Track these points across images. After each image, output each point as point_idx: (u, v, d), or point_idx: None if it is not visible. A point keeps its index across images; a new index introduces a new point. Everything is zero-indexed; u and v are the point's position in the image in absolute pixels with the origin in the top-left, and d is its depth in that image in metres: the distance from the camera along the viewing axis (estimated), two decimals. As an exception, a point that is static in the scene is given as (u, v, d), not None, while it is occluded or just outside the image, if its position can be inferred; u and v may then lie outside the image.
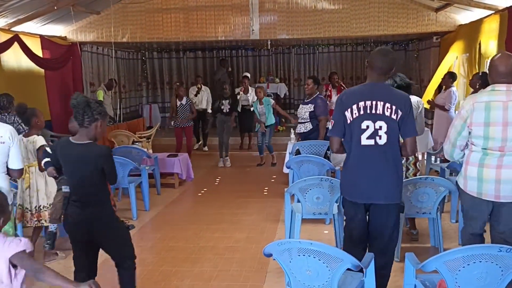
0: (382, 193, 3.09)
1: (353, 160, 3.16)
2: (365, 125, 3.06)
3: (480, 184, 3.05)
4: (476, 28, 7.84)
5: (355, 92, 3.20)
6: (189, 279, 4.08)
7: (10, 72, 8.10)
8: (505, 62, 3.02)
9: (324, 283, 2.61)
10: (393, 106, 3.03)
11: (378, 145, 3.06)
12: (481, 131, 3.01)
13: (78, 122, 2.95)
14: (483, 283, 2.45)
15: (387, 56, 3.13)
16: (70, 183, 3.09)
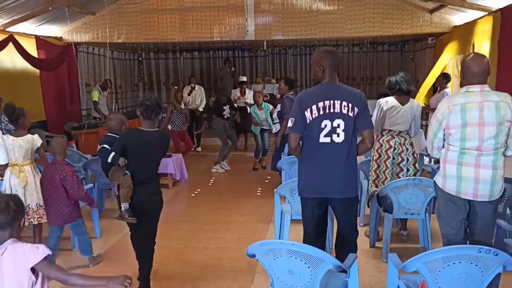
0: (338, 188, 3.23)
1: (309, 157, 3.28)
2: (324, 124, 3.19)
3: (459, 183, 3.06)
4: (470, 29, 7.87)
5: (314, 93, 3.31)
6: (178, 279, 4.10)
7: (5, 72, 8.12)
8: (478, 63, 3.04)
9: (306, 283, 2.62)
10: (350, 104, 3.17)
11: (334, 142, 3.20)
12: (458, 133, 3.04)
13: (146, 116, 3.63)
14: (463, 283, 2.47)
15: (334, 54, 3.32)
16: (139, 165, 3.64)
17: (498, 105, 2.98)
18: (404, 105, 4.46)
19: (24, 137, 4.36)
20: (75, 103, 10.13)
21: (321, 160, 3.22)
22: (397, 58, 13.18)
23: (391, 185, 4.21)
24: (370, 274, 4.07)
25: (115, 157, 3.62)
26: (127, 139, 3.67)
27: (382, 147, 4.58)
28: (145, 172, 3.67)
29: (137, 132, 3.72)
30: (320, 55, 3.32)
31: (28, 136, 4.39)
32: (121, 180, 3.69)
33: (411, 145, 4.58)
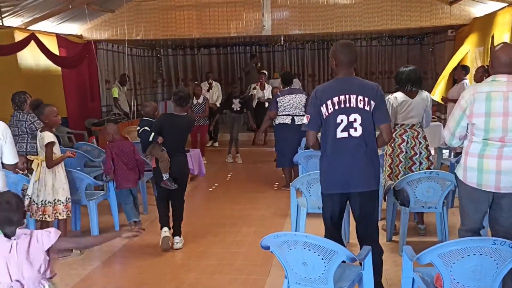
0: (358, 181, 3.19)
1: (328, 153, 3.25)
2: (340, 119, 3.16)
3: (480, 175, 3.02)
4: (490, 21, 7.73)
5: (328, 88, 3.29)
6: (195, 272, 4.15)
7: (28, 70, 8.30)
8: (507, 52, 3.00)
9: (320, 275, 2.64)
10: (366, 98, 3.14)
11: (352, 137, 3.16)
12: (482, 122, 2.99)
13: (178, 103, 4.63)
14: (478, 276, 2.45)
15: (350, 49, 3.26)
16: (172, 142, 4.58)
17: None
18: (413, 98, 4.43)
19: (42, 133, 4.47)
20: (95, 100, 10.29)
21: (340, 155, 3.20)
22: (416, 51, 13.00)
23: (407, 179, 4.19)
24: (386, 267, 4.02)
25: (155, 136, 4.49)
26: (163, 122, 4.67)
27: (395, 141, 4.56)
28: (177, 147, 4.65)
29: (170, 116, 4.73)
30: (335, 49, 3.27)
31: (44, 132, 4.48)
32: (159, 155, 4.55)
33: (424, 139, 4.54)
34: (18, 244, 2.24)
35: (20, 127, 5.59)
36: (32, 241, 2.27)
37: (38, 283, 2.28)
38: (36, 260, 2.26)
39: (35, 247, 2.26)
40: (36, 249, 2.26)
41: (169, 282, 3.97)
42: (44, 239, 2.28)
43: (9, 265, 2.23)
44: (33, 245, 2.26)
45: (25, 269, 2.23)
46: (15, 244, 2.25)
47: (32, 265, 2.25)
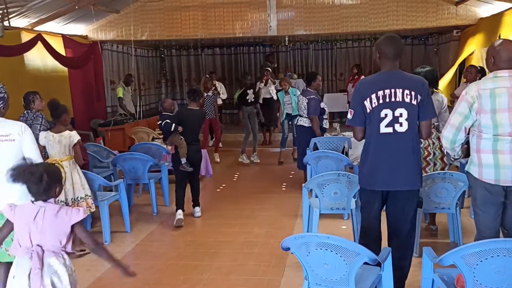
0: (402, 180, 3.12)
1: (372, 149, 3.18)
2: (384, 113, 3.09)
3: (497, 171, 3.02)
4: (497, 21, 7.73)
5: (373, 81, 3.22)
6: (209, 272, 4.15)
7: (35, 71, 8.31)
8: (507, 48, 3.00)
9: (342, 276, 2.64)
10: (412, 92, 3.07)
11: (397, 132, 3.09)
12: (489, 119, 2.99)
13: (192, 98, 5.58)
14: (501, 277, 2.45)
15: (395, 41, 3.18)
16: (189, 132, 5.50)
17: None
18: None
19: (63, 133, 4.51)
20: (100, 100, 10.31)
21: (384, 152, 3.12)
22: (420, 52, 13.02)
23: (421, 180, 4.18)
24: (400, 268, 4.05)
25: (176, 126, 5.39)
26: (180, 115, 5.64)
27: None
28: (193, 136, 5.58)
29: (187, 110, 5.69)
30: (380, 42, 3.21)
31: (66, 132, 4.55)
32: (178, 142, 5.47)
33: (438, 139, 4.53)
34: (45, 211, 2.38)
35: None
36: (61, 212, 2.41)
37: (59, 253, 2.40)
38: (60, 231, 2.39)
39: (62, 218, 2.40)
40: (63, 220, 2.39)
41: (184, 282, 3.97)
42: (73, 213, 2.42)
43: (31, 231, 2.36)
44: (60, 216, 2.40)
45: (47, 236, 2.37)
46: (42, 210, 2.39)
47: (55, 234, 2.38)
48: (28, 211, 2.40)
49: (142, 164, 5.85)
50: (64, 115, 4.54)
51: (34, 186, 2.39)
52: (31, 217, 2.38)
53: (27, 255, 2.36)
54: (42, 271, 2.35)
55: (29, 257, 2.35)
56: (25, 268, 2.36)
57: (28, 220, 2.38)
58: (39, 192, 2.41)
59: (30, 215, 2.39)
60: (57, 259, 2.41)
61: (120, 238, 5.12)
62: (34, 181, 2.38)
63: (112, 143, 8.24)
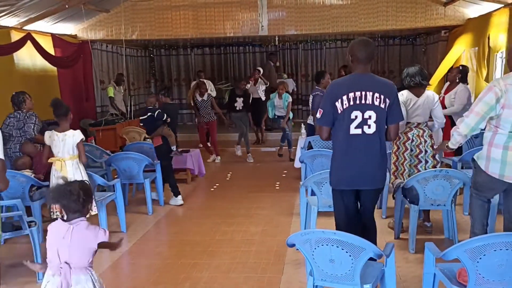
0: (369, 180, 3.27)
1: (341, 149, 3.30)
2: (354, 115, 3.19)
3: (503, 167, 3.09)
4: (485, 22, 7.86)
5: (344, 83, 3.30)
6: (208, 271, 4.16)
7: (24, 70, 8.20)
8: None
9: (347, 271, 2.68)
10: (382, 96, 3.18)
11: (366, 134, 3.21)
12: (509, 115, 3.05)
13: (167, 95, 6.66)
14: (503, 270, 2.51)
15: (368, 45, 3.27)
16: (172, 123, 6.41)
17: None
18: (419, 97, 4.50)
19: (67, 132, 4.48)
20: (90, 100, 10.21)
21: (353, 152, 3.24)
22: (408, 52, 13.17)
23: (417, 177, 4.26)
24: (398, 265, 4.09)
25: (167, 117, 6.14)
26: (165, 108, 6.33)
27: (400, 139, 4.63)
28: (174, 126, 6.46)
29: (168, 104, 6.56)
30: (353, 45, 3.29)
31: (70, 131, 4.53)
32: (168, 133, 6.23)
33: (430, 137, 4.60)
34: (73, 230, 2.46)
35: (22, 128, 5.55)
36: (88, 231, 2.48)
37: (86, 269, 2.49)
38: (86, 249, 2.48)
39: (89, 237, 2.47)
40: (91, 239, 2.47)
41: (184, 281, 3.97)
42: (100, 233, 2.51)
43: (59, 248, 2.44)
44: (88, 235, 2.47)
45: (74, 253, 2.44)
46: (71, 229, 2.46)
47: (82, 252, 2.46)
48: (58, 229, 2.49)
49: (137, 164, 5.83)
50: (70, 114, 4.55)
51: (73, 204, 2.48)
52: (60, 235, 2.46)
53: (56, 272, 2.44)
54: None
55: (58, 274, 2.42)
56: (55, 285, 2.44)
57: (58, 237, 2.46)
58: (76, 210, 2.50)
59: (59, 233, 2.46)
60: (85, 275, 2.48)
61: (115, 238, 4.96)
62: (74, 199, 2.47)
63: (104, 143, 8.18)
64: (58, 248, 2.44)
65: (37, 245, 4.04)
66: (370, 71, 3.34)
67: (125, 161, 5.85)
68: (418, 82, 4.50)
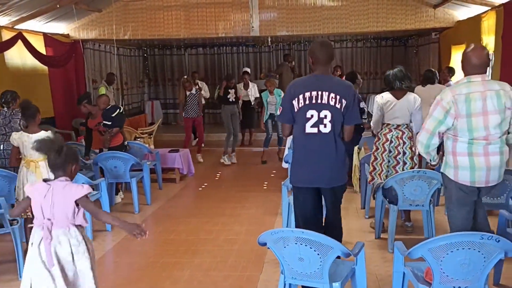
0: (325, 178, 3.32)
1: (298, 147, 3.38)
2: (310, 114, 3.27)
3: (473, 173, 3.13)
4: (474, 24, 7.92)
5: (302, 83, 3.41)
6: (189, 269, 4.21)
7: (14, 69, 8.23)
8: (478, 55, 3.11)
9: (316, 270, 2.74)
10: (337, 96, 3.25)
11: (322, 133, 3.28)
12: (465, 123, 3.10)
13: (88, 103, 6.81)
14: (466, 269, 2.57)
15: (328, 47, 3.37)
16: None
17: (498, 93, 3.07)
18: (399, 99, 4.55)
19: (39, 133, 4.44)
20: (82, 99, 10.22)
21: (309, 150, 3.32)
22: (400, 53, 13.23)
23: (396, 177, 4.32)
24: (376, 264, 4.18)
25: None
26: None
27: (379, 140, 4.69)
28: None
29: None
30: (312, 47, 3.41)
31: (42, 132, 4.46)
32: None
33: (409, 139, 4.65)
34: (54, 189, 2.67)
35: (6, 125, 5.58)
36: (66, 188, 2.68)
37: (66, 225, 2.68)
38: (66, 206, 2.67)
39: (67, 194, 2.67)
40: (69, 196, 2.66)
41: (165, 279, 4.03)
42: (77, 189, 2.68)
43: (42, 206, 2.66)
44: (66, 192, 2.67)
45: (55, 210, 2.66)
46: (51, 189, 2.67)
47: (62, 208, 2.66)
48: (40, 189, 2.70)
49: (124, 163, 5.88)
50: (38, 115, 4.50)
51: (53, 155, 2.68)
52: (42, 195, 2.67)
53: (39, 227, 2.68)
54: (51, 241, 2.65)
55: (41, 229, 2.66)
56: (37, 237, 2.69)
57: (40, 197, 2.68)
58: (57, 164, 2.70)
59: (41, 193, 2.68)
60: (63, 231, 2.69)
61: (101, 236, 5.14)
62: (54, 149, 2.67)
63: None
64: (41, 206, 2.67)
65: (19, 243, 4.08)
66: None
67: (112, 160, 5.90)
68: (408, 85, 4.58)
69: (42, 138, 2.85)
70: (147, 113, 13.29)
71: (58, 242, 2.67)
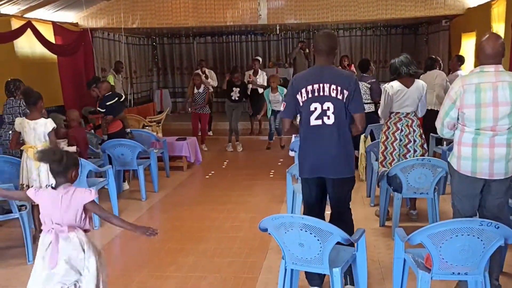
0: (329, 168, 3.32)
1: (304, 139, 3.40)
2: (314, 107, 3.29)
3: (474, 164, 3.12)
4: (485, 11, 7.81)
5: (304, 76, 3.41)
6: (194, 256, 4.27)
7: (24, 58, 8.30)
8: (492, 44, 3.08)
9: (316, 255, 2.76)
10: (338, 87, 3.25)
11: (326, 124, 3.29)
12: (472, 113, 3.08)
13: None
14: (465, 255, 2.58)
15: (331, 38, 3.36)
16: None
17: (511, 84, 3.03)
18: (409, 87, 4.53)
19: (38, 120, 4.50)
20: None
21: (314, 142, 3.34)
22: (410, 41, 13.09)
23: (400, 165, 4.31)
24: (379, 251, 4.20)
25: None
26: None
27: (389, 129, 4.67)
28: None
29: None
30: (315, 37, 3.42)
31: (42, 120, 4.51)
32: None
33: (419, 127, 4.64)
34: (63, 197, 2.73)
35: (14, 113, 5.63)
36: (75, 194, 2.74)
37: (74, 228, 2.76)
38: (75, 210, 2.74)
39: (76, 199, 2.73)
40: (77, 201, 2.73)
41: (170, 264, 4.09)
42: (85, 194, 2.76)
43: (52, 212, 2.73)
44: (74, 198, 2.73)
45: (65, 216, 2.72)
46: (61, 196, 2.73)
47: (70, 213, 2.73)
48: (47, 196, 2.76)
49: (131, 151, 5.94)
50: (40, 102, 4.54)
51: (55, 164, 2.74)
52: (50, 201, 2.73)
53: (48, 233, 2.74)
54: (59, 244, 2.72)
55: (50, 233, 2.73)
56: (46, 242, 2.75)
57: (49, 203, 2.74)
58: (59, 172, 2.76)
59: (49, 200, 2.74)
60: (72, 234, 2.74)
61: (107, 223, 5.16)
62: (56, 159, 2.73)
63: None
64: (51, 213, 2.73)
65: (27, 229, 4.16)
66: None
67: (119, 148, 5.95)
68: (414, 71, 4.55)
69: (43, 149, 2.94)
70: (156, 102, 13.35)
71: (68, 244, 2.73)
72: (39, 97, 4.58)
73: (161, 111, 12.31)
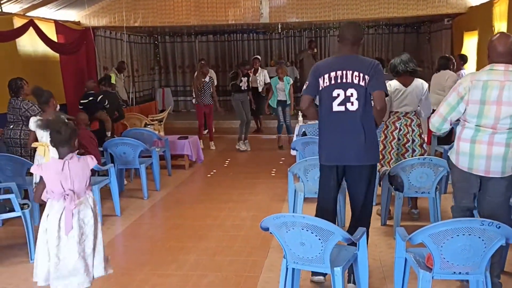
0: (352, 155, 3.32)
1: (325, 126, 3.40)
2: (336, 93, 3.29)
3: (471, 160, 3.13)
4: (487, 10, 7.79)
5: (328, 63, 3.45)
6: (195, 254, 4.28)
7: (26, 57, 8.31)
8: (504, 42, 3.07)
9: (317, 255, 2.77)
10: (361, 74, 3.27)
11: (349, 111, 3.29)
12: (476, 109, 3.08)
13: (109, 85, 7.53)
14: (467, 255, 2.58)
15: (356, 28, 3.40)
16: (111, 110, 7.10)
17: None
18: (407, 86, 4.53)
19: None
20: (93, 86, 10.32)
21: (337, 128, 3.33)
22: (413, 40, 13.08)
23: (401, 164, 4.31)
24: (380, 250, 4.20)
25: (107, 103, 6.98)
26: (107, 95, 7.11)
27: (388, 128, 4.68)
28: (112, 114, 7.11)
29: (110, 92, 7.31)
30: (342, 27, 3.46)
31: None
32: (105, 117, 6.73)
33: (418, 126, 4.64)
34: (69, 163, 2.93)
35: (15, 114, 5.62)
36: (81, 160, 2.99)
37: (85, 192, 3.01)
38: (84, 175, 2.99)
39: (84, 165, 2.99)
40: (85, 167, 3.00)
41: (171, 263, 4.09)
42: (91, 160, 3.05)
43: (61, 180, 2.90)
44: (83, 164, 2.99)
45: (76, 182, 2.94)
46: (67, 163, 2.92)
47: (81, 179, 2.97)
48: (55, 165, 2.93)
49: (133, 149, 5.95)
50: (52, 99, 4.62)
51: (56, 134, 2.91)
52: (58, 170, 2.90)
53: (61, 198, 2.90)
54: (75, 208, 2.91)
55: (63, 199, 2.89)
56: (57, 208, 2.90)
57: (56, 172, 2.90)
58: (62, 141, 2.93)
59: (57, 168, 2.90)
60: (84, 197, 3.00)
61: (110, 221, 5.23)
62: (58, 128, 2.91)
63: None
64: (60, 180, 2.89)
65: (30, 227, 4.17)
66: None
67: (121, 146, 5.97)
68: (412, 69, 4.54)
69: (46, 119, 3.13)
70: (158, 100, 13.36)
71: (83, 208, 2.94)
72: (50, 95, 4.64)
73: (163, 109, 12.33)
